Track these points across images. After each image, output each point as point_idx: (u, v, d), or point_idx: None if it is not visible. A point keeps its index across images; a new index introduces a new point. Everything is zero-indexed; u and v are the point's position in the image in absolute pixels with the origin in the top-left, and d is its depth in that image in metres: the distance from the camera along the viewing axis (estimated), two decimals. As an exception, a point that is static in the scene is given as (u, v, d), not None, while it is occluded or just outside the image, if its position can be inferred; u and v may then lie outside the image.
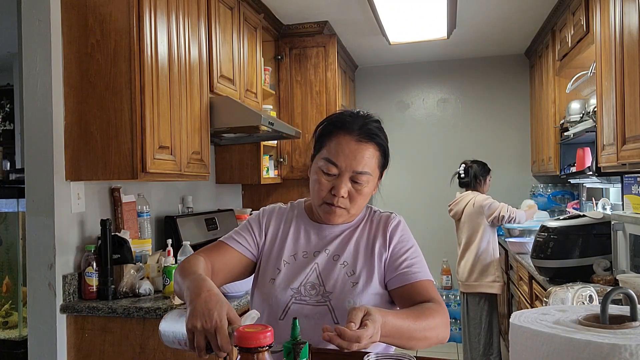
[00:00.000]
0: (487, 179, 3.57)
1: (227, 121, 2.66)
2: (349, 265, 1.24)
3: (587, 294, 1.50)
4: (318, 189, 1.22)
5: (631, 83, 2.11)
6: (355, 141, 1.19)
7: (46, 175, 2.02)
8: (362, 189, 1.21)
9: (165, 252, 2.24)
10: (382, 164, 1.26)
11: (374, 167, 1.22)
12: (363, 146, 1.20)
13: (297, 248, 1.28)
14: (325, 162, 1.20)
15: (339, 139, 1.20)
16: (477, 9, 3.60)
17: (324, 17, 3.70)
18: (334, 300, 1.19)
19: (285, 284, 1.22)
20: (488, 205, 3.39)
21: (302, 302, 1.20)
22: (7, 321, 2.49)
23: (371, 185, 1.24)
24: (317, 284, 1.22)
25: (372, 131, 1.21)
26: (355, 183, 1.20)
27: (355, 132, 1.20)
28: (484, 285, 3.44)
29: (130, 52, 2.01)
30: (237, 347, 0.78)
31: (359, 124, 1.21)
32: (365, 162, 1.19)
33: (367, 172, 1.20)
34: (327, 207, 1.22)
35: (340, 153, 1.19)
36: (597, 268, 2.31)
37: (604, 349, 0.63)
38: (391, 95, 5.16)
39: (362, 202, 1.24)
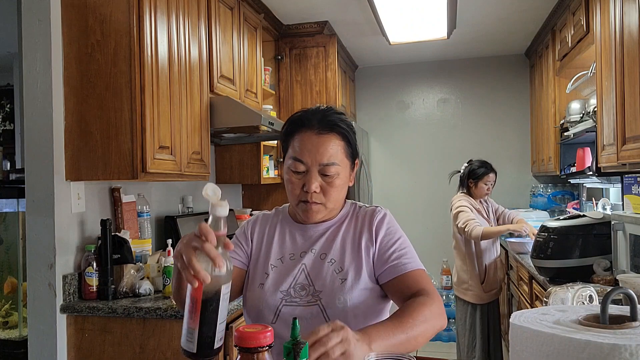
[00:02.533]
0: (478, 183, 3.31)
1: (227, 121, 2.66)
2: (336, 262, 1.23)
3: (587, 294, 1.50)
4: (291, 189, 1.23)
5: (631, 83, 2.11)
6: (316, 134, 1.20)
7: (46, 175, 2.02)
8: (333, 181, 1.21)
9: (166, 252, 2.24)
10: (350, 153, 1.25)
11: (342, 157, 1.22)
12: (324, 138, 1.20)
13: (284, 251, 1.28)
14: (293, 161, 1.21)
15: (300, 136, 1.22)
16: (477, 9, 3.60)
17: (324, 17, 3.70)
18: (325, 299, 1.19)
19: (274, 287, 1.22)
20: (454, 212, 3.25)
21: (293, 303, 1.20)
22: (7, 321, 2.50)
23: (343, 177, 1.23)
24: (307, 284, 1.21)
25: (332, 122, 1.22)
26: (325, 176, 1.20)
27: (315, 126, 1.21)
28: (459, 290, 3.38)
29: (130, 52, 2.01)
30: (237, 347, 0.77)
31: (318, 117, 1.22)
32: (330, 153, 1.20)
33: (334, 162, 1.20)
34: (303, 206, 1.22)
35: (303, 149, 1.20)
36: (597, 268, 2.31)
37: (604, 349, 0.63)
38: (391, 95, 5.16)
39: (336, 194, 1.23)
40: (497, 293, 3.41)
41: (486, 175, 3.32)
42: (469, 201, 3.32)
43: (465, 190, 3.40)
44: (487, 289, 3.31)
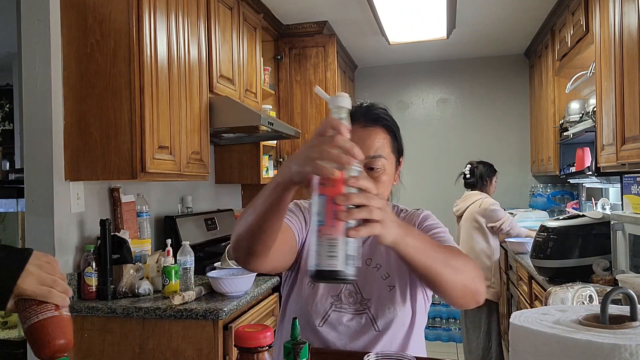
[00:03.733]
0: (493, 180, 3.54)
1: (226, 121, 2.66)
2: (382, 267, 1.19)
3: (587, 294, 1.50)
4: None
5: (630, 83, 2.11)
6: (362, 127, 1.17)
7: (45, 175, 2.02)
8: (379, 175, 1.16)
9: (165, 252, 2.23)
10: (396, 148, 1.22)
11: (388, 151, 1.18)
12: (370, 130, 1.17)
13: None
14: None
15: None
16: (476, 9, 3.60)
17: (323, 17, 3.70)
18: (373, 308, 1.15)
19: (325, 290, 1.18)
20: (493, 211, 3.36)
21: (342, 310, 1.16)
22: (7, 321, 2.49)
23: (389, 172, 1.19)
24: (354, 292, 1.17)
25: (377, 115, 1.19)
26: (370, 170, 1.15)
27: (361, 119, 1.17)
28: None
29: (129, 52, 2.00)
30: (237, 347, 0.77)
31: (363, 111, 1.19)
32: (376, 146, 1.16)
33: (381, 155, 1.16)
34: None
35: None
36: (597, 268, 2.31)
37: (604, 349, 0.63)
38: (391, 95, 5.16)
39: (382, 190, 1.17)
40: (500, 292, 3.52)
41: (496, 172, 3.59)
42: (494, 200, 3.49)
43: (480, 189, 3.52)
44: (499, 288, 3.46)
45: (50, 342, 0.82)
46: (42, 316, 0.82)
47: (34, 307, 0.83)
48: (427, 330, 4.70)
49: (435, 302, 4.71)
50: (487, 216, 3.37)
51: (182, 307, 1.93)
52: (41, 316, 0.82)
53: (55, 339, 0.82)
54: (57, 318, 0.84)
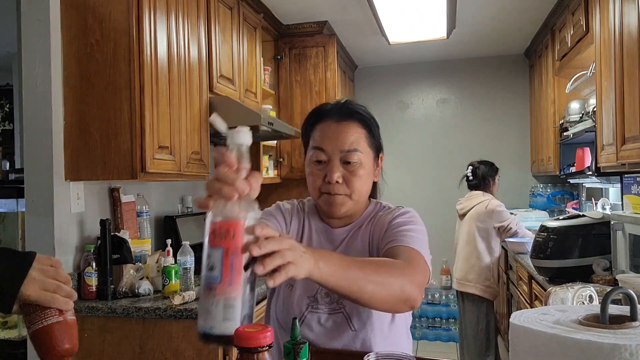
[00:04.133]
0: (495, 179, 3.55)
1: (226, 121, 2.64)
2: None
3: (587, 294, 1.50)
4: (312, 180, 1.18)
5: (630, 83, 2.11)
6: (336, 122, 1.18)
7: (45, 175, 2.02)
8: (355, 170, 1.16)
9: (165, 252, 2.23)
10: (373, 143, 1.22)
11: (364, 146, 1.18)
12: (344, 124, 1.18)
13: None
14: (314, 151, 1.18)
15: (321, 125, 1.19)
16: (476, 9, 3.60)
17: (323, 17, 3.70)
18: (348, 307, 1.15)
19: (302, 291, 1.18)
20: (500, 212, 3.39)
21: (319, 310, 1.16)
22: (7, 321, 2.49)
23: (366, 166, 1.18)
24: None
25: (351, 110, 1.20)
26: (347, 164, 1.16)
27: (335, 114, 1.19)
28: (478, 287, 3.44)
29: (129, 52, 2.00)
30: (237, 347, 0.77)
31: (338, 107, 1.21)
32: (351, 140, 1.16)
33: (356, 149, 1.16)
34: (326, 198, 1.17)
35: (324, 138, 1.17)
36: (597, 268, 2.31)
37: (604, 349, 0.63)
38: (391, 96, 5.16)
39: (360, 185, 1.17)
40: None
41: (498, 171, 3.61)
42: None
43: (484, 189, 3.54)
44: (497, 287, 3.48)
45: (55, 347, 0.82)
46: (46, 322, 0.82)
47: (38, 312, 0.83)
48: (427, 330, 4.70)
49: (435, 302, 4.71)
50: (494, 217, 3.39)
51: (182, 307, 1.93)
52: (45, 322, 0.82)
53: (60, 344, 0.82)
54: (62, 323, 0.84)
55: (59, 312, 0.84)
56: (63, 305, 0.85)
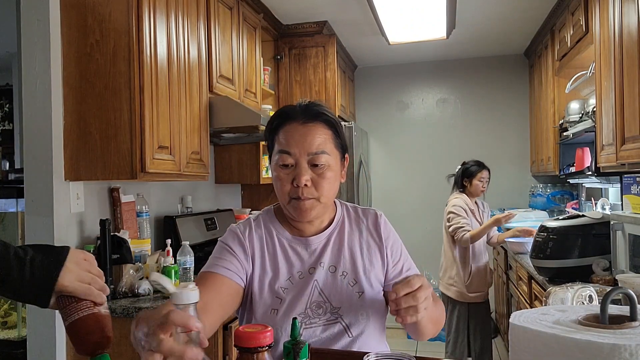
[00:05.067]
0: (473, 180, 3.39)
1: (226, 121, 2.66)
2: (348, 274, 1.18)
3: (586, 294, 1.50)
4: (281, 186, 1.15)
5: (630, 83, 2.11)
6: (301, 124, 1.15)
7: (45, 175, 2.02)
8: (324, 172, 1.14)
9: (165, 252, 2.23)
10: (339, 144, 1.20)
11: (330, 147, 1.16)
12: (310, 126, 1.15)
13: (292, 270, 1.18)
14: (280, 155, 1.14)
15: (285, 128, 1.16)
16: (476, 9, 3.60)
17: (323, 17, 3.70)
18: (345, 316, 1.14)
19: (289, 311, 1.14)
20: (449, 215, 3.35)
21: (313, 325, 1.14)
22: (7, 321, 2.49)
23: (334, 168, 1.17)
24: (322, 302, 1.15)
25: (316, 111, 1.17)
26: (315, 167, 1.13)
27: (300, 116, 1.16)
28: (442, 284, 3.45)
29: (129, 52, 2.00)
30: (237, 347, 0.77)
31: (302, 108, 1.17)
32: (318, 141, 1.14)
33: (323, 150, 1.14)
34: (295, 203, 1.14)
35: (290, 140, 1.14)
36: (597, 268, 2.31)
37: (604, 349, 0.63)
38: (390, 95, 5.16)
39: (329, 187, 1.15)
40: (483, 296, 3.39)
41: (479, 172, 3.39)
42: (465, 200, 3.39)
43: (461, 190, 3.46)
44: (471, 290, 3.33)
45: (89, 339, 0.84)
46: (82, 313, 0.85)
47: (73, 304, 0.85)
48: (427, 330, 4.70)
49: (435, 302, 4.70)
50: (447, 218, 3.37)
51: (182, 307, 1.93)
52: (81, 313, 0.85)
53: (94, 335, 0.84)
54: (96, 315, 0.86)
55: (93, 304, 0.87)
56: (97, 298, 0.87)
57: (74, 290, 0.85)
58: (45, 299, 0.85)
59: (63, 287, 0.84)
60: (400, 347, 4.15)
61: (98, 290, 0.88)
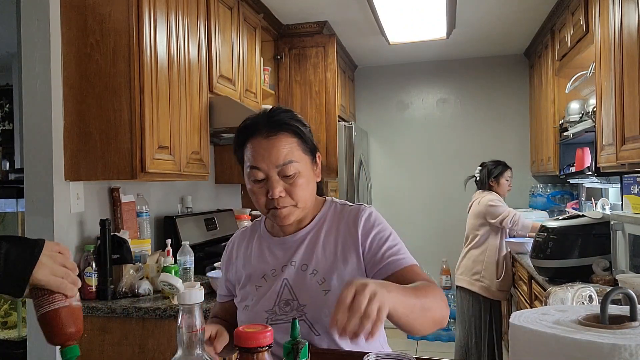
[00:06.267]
0: (500, 180, 3.53)
1: (226, 121, 2.66)
2: (318, 273, 1.19)
3: (586, 294, 1.50)
4: (256, 199, 1.19)
5: (630, 83, 2.11)
6: (265, 138, 1.16)
7: (45, 175, 2.02)
8: (295, 181, 1.16)
9: (165, 252, 2.23)
10: (307, 148, 1.21)
11: (298, 154, 1.18)
12: (273, 140, 1.16)
13: (265, 268, 1.24)
14: (250, 170, 1.17)
15: (251, 144, 1.18)
16: (476, 9, 3.60)
17: (323, 17, 3.70)
18: (310, 313, 1.15)
19: (260, 307, 1.19)
20: (492, 208, 3.41)
21: (279, 321, 1.16)
22: (7, 321, 2.49)
23: (305, 174, 1.19)
24: (291, 299, 1.17)
25: (277, 122, 1.18)
26: (286, 177, 1.16)
27: (263, 130, 1.17)
28: (465, 280, 3.50)
29: (129, 52, 2.00)
30: (237, 347, 0.77)
31: (263, 121, 1.18)
32: (284, 153, 1.15)
33: (291, 160, 1.15)
34: (274, 212, 1.18)
35: (257, 156, 1.16)
36: (597, 268, 2.31)
37: (604, 349, 0.63)
38: (390, 96, 5.16)
39: (303, 192, 1.18)
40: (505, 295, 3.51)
41: (505, 171, 3.54)
42: (497, 197, 3.49)
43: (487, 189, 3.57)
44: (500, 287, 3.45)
45: (60, 330, 0.88)
46: (53, 306, 0.88)
47: (46, 296, 0.88)
48: (427, 330, 4.70)
49: (435, 302, 4.71)
50: (487, 213, 3.42)
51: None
52: (53, 306, 0.88)
53: (66, 327, 0.88)
54: (68, 308, 0.89)
55: (65, 297, 0.89)
56: (69, 291, 0.90)
57: (47, 283, 0.88)
58: (18, 291, 0.87)
59: (37, 280, 0.87)
60: (400, 347, 4.16)
61: (70, 284, 0.90)
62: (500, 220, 3.37)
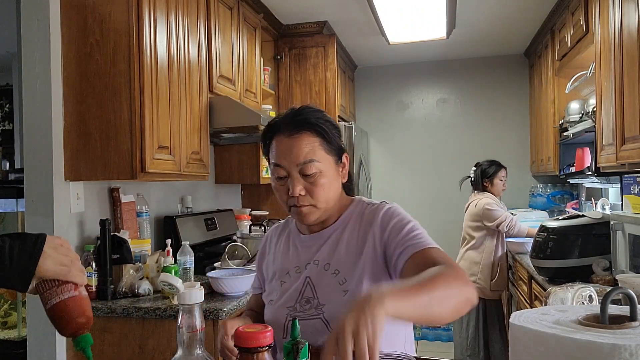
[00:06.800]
0: (494, 180, 3.54)
1: (226, 121, 2.66)
2: (340, 273, 1.18)
3: (586, 294, 1.50)
4: (279, 196, 1.21)
5: (630, 83, 2.11)
6: (287, 137, 1.17)
7: (45, 175, 2.02)
8: (315, 180, 1.16)
9: (165, 252, 2.23)
10: (331, 149, 1.20)
11: (321, 154, 1.18)
12: (295, 138, 1.17)
13: (290, 264, 1.26)
14: (274, 167, 1.19)
15: (276, 141, 1.20)
16: (476, 9, 3.60)
17: (323, 17, 3.70)
18: (327, 312, 1.15)
19: (282, 303, 1.21)
20: (489, 212, 3.42)
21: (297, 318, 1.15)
22: (7, 321, 2.49)
23: (327, 174, 1.18)
24: (312, 297, 1.18)
25: (300, 121, 1.18)
26: (306, 176, 1.16)
27: (286, 129, 1.18)
28: None
29: (129, 52, 2.00)
30: (237, 347, 0.77)
31: (288, 119, 1.20)
32: (305, 151, 1.16)
33: (311, 159, 1.16)
34: (295, 210, 1.19)
35: (279, 154, 1.18)
36: (597, 268, 2.31)
37: (604, 349, 0.63)
38: (390, 96, 5.16)
39: (324, 193, 1.18)
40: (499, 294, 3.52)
41: (499, 171, 3.56)
42: (493, 199, 3.50)
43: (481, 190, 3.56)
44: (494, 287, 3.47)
45: (72, 320, 0.87)
46: (63, 296, 0.87)
47: (54, 288, 0.87)
48: (427, 330, 4.70)
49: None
50: (484, 216, 3.42)
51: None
52: (62, 296, 0.87)
53: (77, 317, 0.87)
54: (77, 298, 0.89)
55: (74, 286, 0.89)
56: (79, 279, 0.89)
57: (55, 273, 0.87)
58: (25, 284, 0.87)
59: (44, 271, 0.86)
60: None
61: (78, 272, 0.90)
62: (497, 224, 3.38)
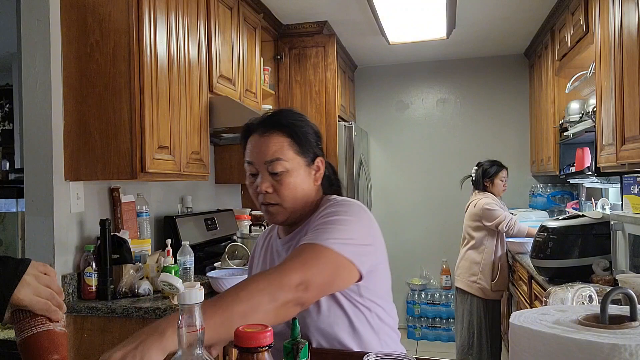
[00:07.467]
0: (494, 180, 3.55)
1: (226, 121, 2.66)
2: None
3: (586, 294, 1.50)
4: (251, 192, 1.25)
5: (630, 83, 2.11)
6: (259, 135, 1.22)
7: (45, 175, 2.02)
8: (282, 178, 1.19)
9: (165, 252, 2.23)
10: (301, 150, 1.21)
11: (289, 154, 1.20)
12: (266, 137, 1.21)
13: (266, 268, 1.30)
14: (246, 165, 1.24)
15: (249, 140, 1.25)
16: (476, 9, 3.60)
17: (323, 17, 3.70)
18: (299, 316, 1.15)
19: None
20: (488, 212, 3.42)
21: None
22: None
23: (295, 175, 1.19)
24: None
25: (273, 121, 1.23)
26: (274, 175, 1.19)
27: (259, 127, 1.23)
28: (463, 282, 3.52)
29: (129, 52, 2.00)
30: (237, 347, 0.77)
31: (262, 120, 1.25)
32: (272, 150, 1.19)
33: (278, 158, 1.18)
34: (264, 208, 1.23)
35: (250, 152, 1.23)
36: (597, 268, 2.31)
37: (604, 349, 0.63)
38: (390, 96, 5.16)
39: (289, 193, 1.19)
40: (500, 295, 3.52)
41: (500, 171, 3.56)
42: (494, 199, 3.50)
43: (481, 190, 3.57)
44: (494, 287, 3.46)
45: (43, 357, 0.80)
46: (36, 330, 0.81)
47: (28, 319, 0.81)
48: (427, 330, 4.70)
49: (435, 302, 4.71)
50: (483, 216, 3.42)
51: (182, 307, 1.93)
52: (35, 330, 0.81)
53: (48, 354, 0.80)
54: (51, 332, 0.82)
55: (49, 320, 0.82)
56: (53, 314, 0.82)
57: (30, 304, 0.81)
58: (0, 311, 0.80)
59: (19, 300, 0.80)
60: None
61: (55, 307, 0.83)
62: (496, 224, 3.38)
